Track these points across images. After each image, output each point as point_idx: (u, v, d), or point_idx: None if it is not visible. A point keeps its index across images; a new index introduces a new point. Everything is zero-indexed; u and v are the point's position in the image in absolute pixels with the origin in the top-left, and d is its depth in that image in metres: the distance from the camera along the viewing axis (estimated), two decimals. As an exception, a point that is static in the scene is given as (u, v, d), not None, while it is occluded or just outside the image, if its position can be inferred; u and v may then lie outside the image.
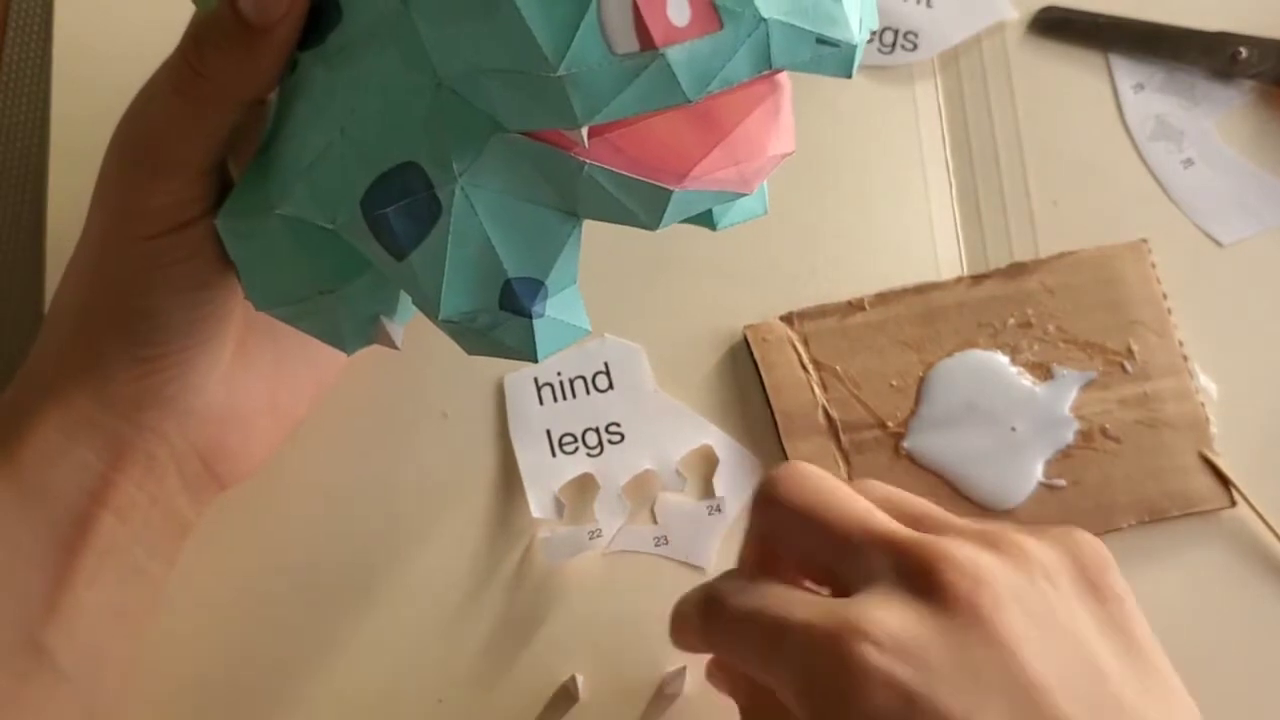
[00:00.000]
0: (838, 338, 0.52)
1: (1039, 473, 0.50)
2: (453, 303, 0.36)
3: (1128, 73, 0.56)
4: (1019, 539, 0.37)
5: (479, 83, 0.34)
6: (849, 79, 0.35)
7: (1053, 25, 0.57)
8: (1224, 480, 0.50)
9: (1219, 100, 0.56)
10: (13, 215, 0.54)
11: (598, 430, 0.50)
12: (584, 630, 0.48)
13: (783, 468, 0.40)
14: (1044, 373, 0.51)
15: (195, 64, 0.38)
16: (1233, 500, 0.49)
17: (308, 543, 0.49)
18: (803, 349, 0.51)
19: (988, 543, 0.37)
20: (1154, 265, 0.53)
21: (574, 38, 0.32)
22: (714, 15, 0.32)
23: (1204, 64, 0.56)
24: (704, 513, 0.50)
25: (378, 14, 0.35)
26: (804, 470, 0.40)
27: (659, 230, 0.36)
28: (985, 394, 0.51)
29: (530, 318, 0.36)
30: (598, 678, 0.48)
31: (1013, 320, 0.52)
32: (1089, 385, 0.51)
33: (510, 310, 0.36)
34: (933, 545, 0.36)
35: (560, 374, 0.51)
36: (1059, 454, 0.50)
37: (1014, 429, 0.50)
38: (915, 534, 0.37)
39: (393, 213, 0.35)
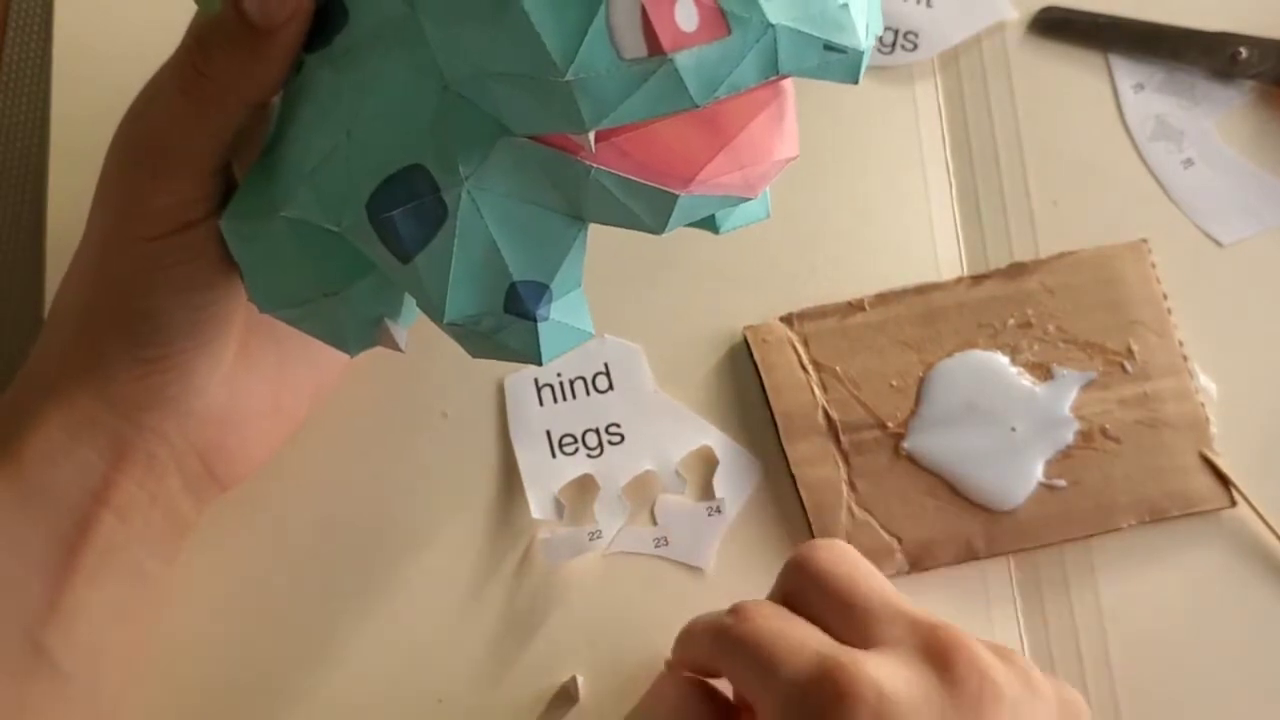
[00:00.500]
0: (838, 338, 0.52)
1: (1039, 473, 0.50)
2: (457, 306, 0.36)
3: (1128, 73, 0.56)
4: (1027, 663, 0.38)
5: (486, 86, 0.34)
6: (855, 85, 0.35)
7: (1053, 25, 0.57)
8: (1224, 480, 0.50)
9: (1219, 100, 0.56)
10: (13, 215, 0.54)
11: (598, 431, 0.50)
12: (584, 630, 0.48)
13: (825, 540, 0.41)
14: (1044, 373, 0.51)
15: (200, 65, 0.38)
16: (1233, 500, 0.50)
17: (307, 543, 0.49)
18: (803, 349, 0.51)
19: (1002, 655, 0.38)
20: (1154, 265, 0.53)
21: (582, 42, 0.32)
22: (722, 21, 0.32)
23: (1204, 64, 0.56)
24: (704, 514, 0.50)
25: (384, 17, 0.35)
26: (846, 547, 0.41)
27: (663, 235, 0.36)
28: (985, 394, 0.51)
29: (535, 321, 0.36)
30: (598, 678, 0.48)
31: (1013, 320, 0.52)
32: (1089, 385, 0.51)
33: (515, 313, 0.36)
34: (956, 632, 0.37)
35: (560, 375, 0.51)
36: (1059, 454, 0.50)
37: (1014, 429, 0.50)
38: (941, 621, 0.38)
39: (398, 216, 0.35)
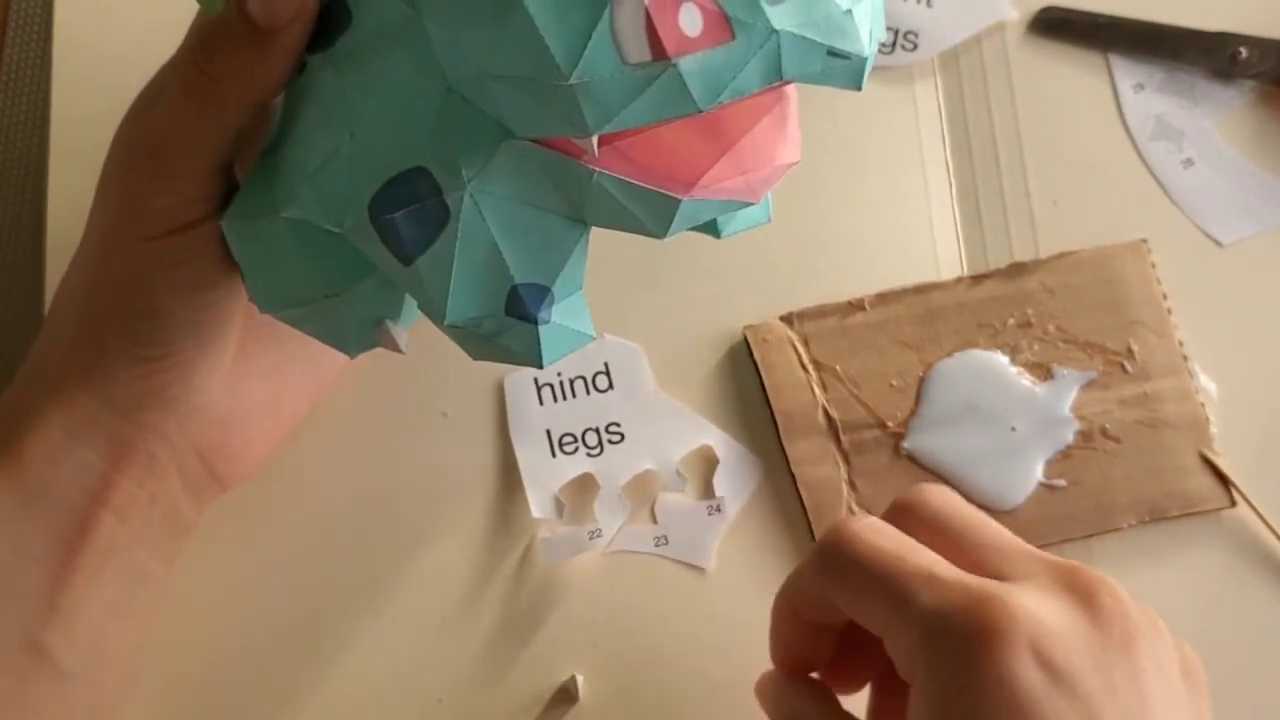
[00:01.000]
0: (838, 338, 0.52)
1: (1039, 473, 0.50)
2: (459, 308, 0.36)
3: (1128, 73, 0.56)
4: (1153, 612, 0.37)
5: (489, 89, 0.34)
6: (858, 91, 0.35)
7: (1053, 25, 0.57)
8: (1224, 480, 0.50)
9: (1219, 100, 0.56)
10: (13, 215, 0.53)
11: (598, 430, 0.50)
12: (584, 630, 0.48)
13: (928, 486, 0.40)
14: (1044, 373, 0.51)
15: (203, 65, 0.37)
16: (1233, 500, 0.50)
17: (307, 543, 0.49)
18: (803, 349, 0.51)
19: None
20: (1154, 265, 0.53)
21: (586, 46, 0.32)
22: (726, 26, 0.32)
23: (1204, 64, 0.56)
24: (704, 513, 0.50)
25: (387, 18, 0.35)
26: (950, 491, 0.40)
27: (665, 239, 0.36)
28: (985, 394, 0.51)
29: (536, 324, 0.36)
30: (598, 677, 0.48)
31: (1013, 320, 0.52)
32: (1089, 385, 0.51)
33: (516, 316, 0.36)
34: (1096, 572, 0.36)
35: (560, 374, 0.51)
36: (1059, 454, 0.50)
37: (1014, 429, 0.50)
38: (1070, 561, 0.37)
39: (400, 218, 0.35)
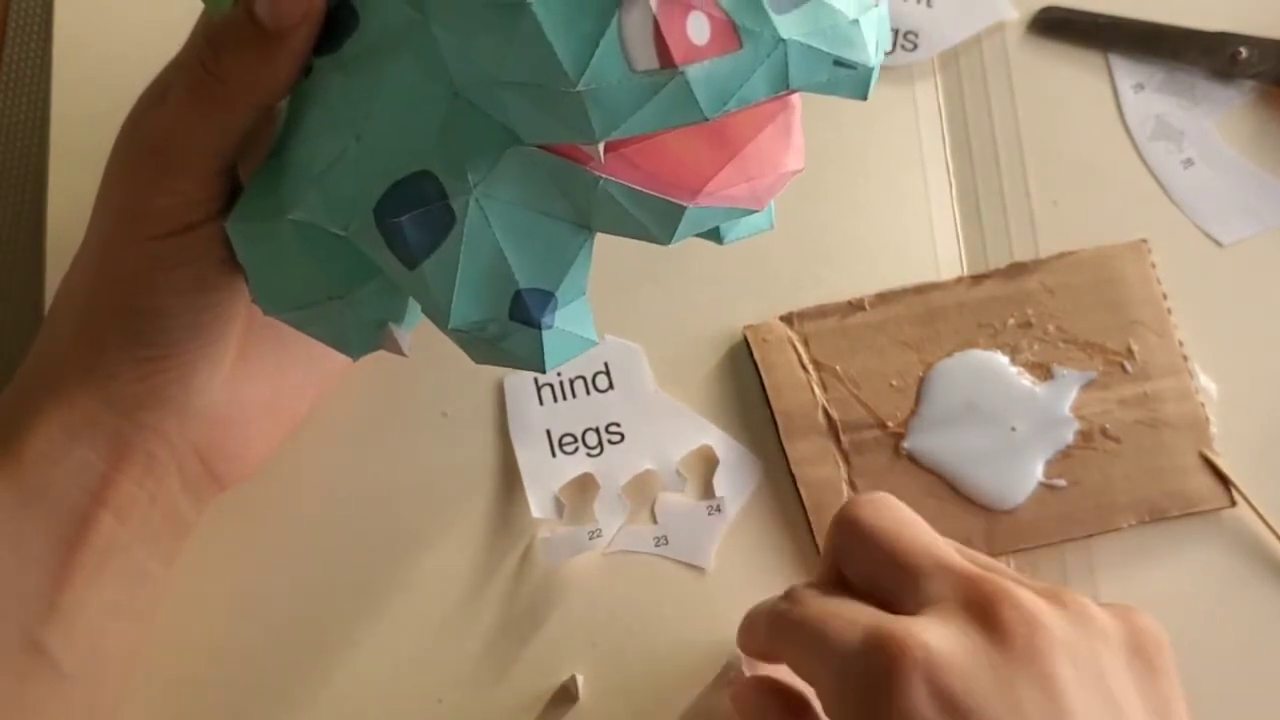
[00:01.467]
0: (838, 338, 0.52)
1: (1039, 473, 0.50)
2: (462, 312, 0.36)
3: (1128, 73, 0.56)
4: (1083, 601, 0.38)
5: (496, 94, 0.34)
6: (864, 100, 0.35)
7: (1053, 25, 0.57)
8: (1224, 480, 0.50)
9: (1219, 100, 0.56)
10: (13, 215, 0.53)
11: (598, 430, 0.50)
12: (584, 630, 0.48)
13: (866, 495, 0.41)
14: (1044, 373, 0.51)
15: (209, 66, 0.37)
16: (1233, 500, 0.50)
17: (307, 543, 0.49)
18: (803, 349, 0.51)
19: (1051, 596, 0.37)
20: (1154, 265, 0.53)
21: (594, 53, 0.32)
22: (734, 35, 0.32)
23: (1204, 64, 0.56)
24: (704, 513, 0.50)
25: (395, 22, 0.35)
26: (887, 500, 0.41)
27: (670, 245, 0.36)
28: (985, 394, 0.51)
29: (540, 329, 0.36)
30: (598, 677, 0.48)
31: (1013, 320, 0.52)
32: (1089, 385, 0.51)
33: (520, 321, 0.36)
34: (998, 582, 0.37)
35: (560, 374, 0.51)
36: (1059, 454, 0.50)
37: (1014, 429, 0.50)
38: (982, 571, 0.38)
39: (406, 221, 0.35)
